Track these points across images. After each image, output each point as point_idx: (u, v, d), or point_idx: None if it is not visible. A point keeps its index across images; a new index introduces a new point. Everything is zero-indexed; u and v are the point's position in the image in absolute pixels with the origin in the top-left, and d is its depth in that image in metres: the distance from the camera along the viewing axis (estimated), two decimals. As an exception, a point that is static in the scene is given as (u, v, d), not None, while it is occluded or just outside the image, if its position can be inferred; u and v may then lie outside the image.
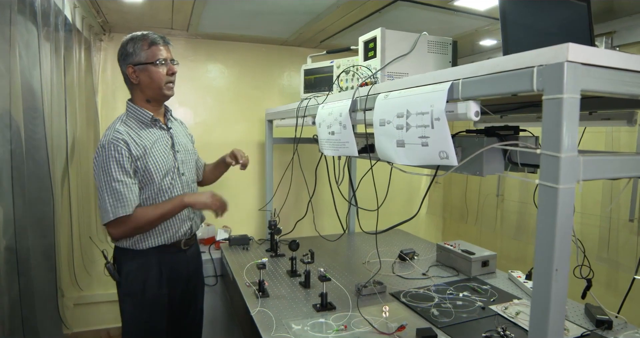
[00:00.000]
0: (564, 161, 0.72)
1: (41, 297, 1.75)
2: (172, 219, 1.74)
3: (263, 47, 3.08)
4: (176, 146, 1.82)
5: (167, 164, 1.74)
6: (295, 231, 2.50)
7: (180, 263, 1.82)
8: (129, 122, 1.71)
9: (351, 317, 1.56)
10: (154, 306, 1.74)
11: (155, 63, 1.69)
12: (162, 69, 1.71)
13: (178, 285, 1.82)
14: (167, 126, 1.83)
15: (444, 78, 1.00)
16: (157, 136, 1.75)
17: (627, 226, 2.18)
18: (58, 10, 1.81)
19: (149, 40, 1.70)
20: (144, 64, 1.69)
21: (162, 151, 1.74)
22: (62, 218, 1.97)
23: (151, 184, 1.69)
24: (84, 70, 2.32)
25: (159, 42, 1.71)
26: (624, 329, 1.49)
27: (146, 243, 1.71)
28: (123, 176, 1.60)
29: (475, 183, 3.25)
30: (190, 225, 1.83)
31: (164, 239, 1.73)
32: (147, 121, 1.74)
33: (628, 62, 0.77)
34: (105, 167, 1.59)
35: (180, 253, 1.82)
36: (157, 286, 1.74)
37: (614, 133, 2.23)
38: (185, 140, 1.91)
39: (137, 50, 1.70)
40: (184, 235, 1.81)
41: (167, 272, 1.76)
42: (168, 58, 1.72)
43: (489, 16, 2.17)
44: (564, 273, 0.74)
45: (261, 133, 3.08)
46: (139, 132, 1.70)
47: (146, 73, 1.70)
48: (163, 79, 1.72)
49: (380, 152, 1.25)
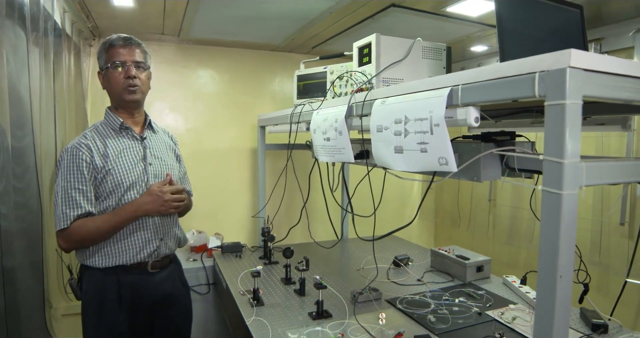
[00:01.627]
0: (567, 167, 0.72)
1: (28, 308, 1.70)
2: (132, 239, 1.60)
3: (255, 53, 3.07)
4: (149, 159, 1.68)
5: (132, 176, 1.61)
6: (288, 238, 2.48)
7: (145, 288, 1.64)
8: (101, 129, 1.64)
9: (348, 325, 1.55)
10: (111, 331, 1.59)
11: (109, 67, 1.61)
12: (119, 72, 1.61)
13: (142, 311, 1.65)
14: (142, 136, 1.71)
15: (443, 84, 1.00)
16: (125, 145, 1.65)
17: (618, 230, 2.21)
18: (47, 15, 1.77)
19: (108, 43, 1.62)
20: (105, 69, 1.63)
21: (128, 162, 1.62)
22: (50, 226, 1.92)
23: (112, 195, 1.58)
24: (73, 75, 2.29)
25: (117, 43, 1.62)
26: (620, 333, 1.50)
27: (103, 261, 1.57)
28: (80, 183, 1.53)
29: (467, 188, 3.26)
30: (156, 246, 1.65)
31: (122, 260, 1.59)
32: (116, 128, 1.65)
33: (628, 68, 0.78)
34: (65, 173, 1.53)
35: (145, 276, 1.64)
36: (115, 310, 1.59)
37: (604, 137, 2.25)
38: (165, 154, 1.77)
39: (100, 54, 1.64)
40: (148, 257, 1.64)
41: (129, 296, 1.60)
42: (128, 60, 1.61)
43: (480, 22, 2.19)
44: (568, 279, 0.74)
45: (253, 139, 3.06)
46: (106, 140, 1.61)
47: (106, 78, 1.64)
48: (120, 83, 1.61)
49: (377, 158, 1.24)
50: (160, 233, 1.67)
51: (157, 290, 1.68)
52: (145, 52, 1.71)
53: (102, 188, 1.57)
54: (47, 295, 1.85)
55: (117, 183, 1.58)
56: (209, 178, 2.91)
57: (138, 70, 1.64)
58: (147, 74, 1.70)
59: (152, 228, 1.65)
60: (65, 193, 1.52)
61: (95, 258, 1.58)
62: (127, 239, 1.60)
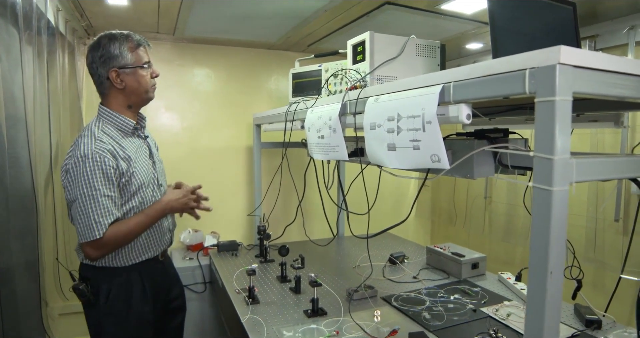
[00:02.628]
0: (557, 163, 0.72)
1: (24, 308, 1.70)
2: (155, 234, 1.66)
3: (250, 51, 3.06)
4: (154, 157, 1.73)
5: (148, 175, 1.64)
6: (284, 236, 2.48)
7: (160, 275, 1.73)
8: (108, 130, 1.56)
9: (343, 322, 1.55)
10: (139, 324, 1.62)
11: (143, 66, 1.60)
12: (147, 72, 1.63)
13: (160, 298, 1.73)
14: (145, 135, 1.73)
15: (435, 81, 1.00)
16: (137, 145, 1.64)
17: (612, 227, 2.22)
18: (40, 14, 1.77)
19: (135, 42, 1.59)
20: (132, 68, 1.58)
21: (143, 161, 1.64)
22: (46, 226, 1.92)
23: (136, 196, 1.57)
24: (67, 75, 2.28)
25: (143, 43, 1.63)
26: (613, 328, 1.50)
27: (129, 259, 1.59)
28: (109, 190, 1.47)
29: (463, 185, 3.27)
30: (169, 237, 1.79)
31: (148, 254, 1.64)
32: (128, 130, 1.61)
33: (618, 65, 0.78)
34: (90, 180, 1.44)
35: (159, 265, 1.74)
36: (142, 303, 1.63)
37: (599, 134, 2.26)
38: (157, 151, 1.83)
39: (124, 52, 1.57)
40: (163, 247, 1.75)
41: (150, 286, 1.66)
42: (150, 60, 1.65)
43: (475, 20, 2.19)
44: (558, 275, 0.74)
45: (249, 137, 3.06)
46: (120, 141, 1.56)
47: (133, 77, 1.59)
48: (149, 83, 1.63)
49: (371, 156, 1.24)
50: (170, 225, 1.80)
51: (167, 276, 1.81)
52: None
53: (127, 190, 1.55)
54: (43, 294, 1.84)
55: (140, 183, 1.58)
56: (205, 177, 2.91)
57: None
58: None
59: (166, 222, 1.74)
60: (95, 202, 1.44)
61: (118, 258, 1.57)
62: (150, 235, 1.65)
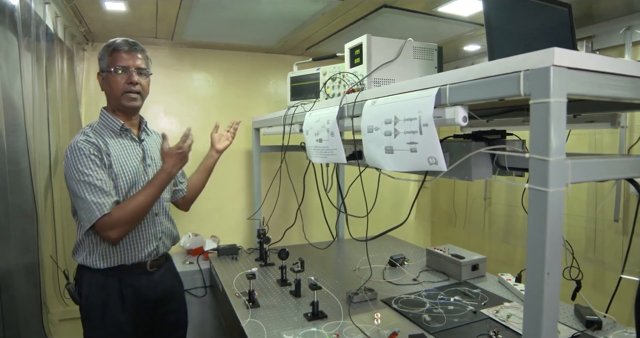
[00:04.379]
0: (553, 164, 0.73)
1: (25, 314, 1.69)
2: (133, 239, 1.62)
3: (248, 55, 3.07)
4: (148, 160, 1.72)
5: (133, 175, 1.63)
6: (284, 240, 2.48)
7: (146, 286, 1.67)
8: (99, 130, 1.64)
9: (343, 325, 1.55)
10: (115, 333, 1.60)
11: (111, 71, 1.60)
12: (121, 77, 1.61)
13: (144, 310, 1.67)
14: (140, 138, 1.74)
15: (431, 84, 1.00)
16: (125, 146, 1.67)
17: (612, 227, 2.22)
18: (39, 20, 1.77)
19: (113, 47, 1.61)
20: (106, 72, 1.62)
21: (130, 161, 1.64)
22: (46, 230, 1.92)
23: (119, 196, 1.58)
24: (66, 80, 2.28)
25: (122, 48, 1.61)
26: (613, 329, 1.50)
27: (104, 261, 1.58)
28: (101, 175, 1.52)
29: (463, 187, 3.27)
30: (156, 245, 1.69)
31: (123, 259, 1.60)
32: (117, 130, 1.66)
33: (612, 66, 0.78)
34: (80, 167, 1.49)
35: (145, 275, 1.67)
36: (119, 311, 1.60)
37: (597, 134, 2.27)
38: (158, 155, 1.78)
39: (102, 56, 1.63)
40: (148, 256, 1.67)
41: (130, 295, 1.62)
42: (131, 66, 1.61)
43: (472, 22, 2.20)
44: (555, 276, 0.74)
45: (248, 141, 3.06)
46: (107, 140, 1.62)
47: (107, 81, 1.63)
48: (120, 89, 1.62)
49: (368, 159, 1.24)
50: (159, 233, 1.72)
51: (157, 288, 1.71)
52: (147, 58, 1.71)
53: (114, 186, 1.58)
54: (43, 299, 1.84)
55: (122, 182, 1.59)
56: (205, 181, 2.91)
57: (140, 76, 1.65)
58: (147, 81, 1.71)
59: (152, 229, 1.68)
60: (90, 185, 1.49)
61: (95, 258, 1.57)
62: (127, 239, 1.61)
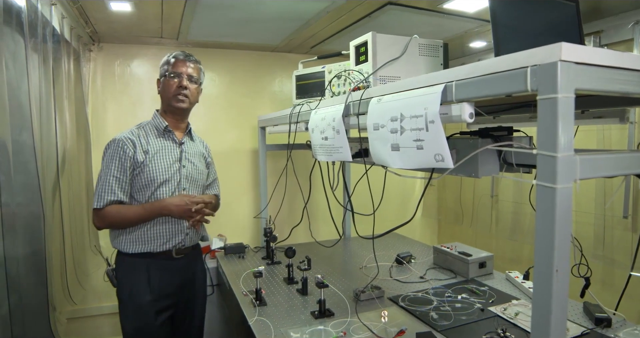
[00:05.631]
0: (561, 160, 0.72)
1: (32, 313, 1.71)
2: (162, 230, 1.78)
3: (253, 54, 3.07)
4: (184, 161, 1.87)
5: (166, 174, 1.79)
6: (291, 238, 2.48)
7: (170, 272, 1.82)
8: (147, 128, 1.86)
9: (350, 323, 1.55)
10: (142, 313, 1.75)
11: (167, 76, 1.83)
12: (173, 82, 1.82)
13: (169, 294, 1.81)
14: (181, 141, 1.90)
15: (437, 80, 1.00)
16: (164, 145, 1.84)
17: (621, 223, 2.20)
18: (46, 21, 1.79)
19: (172, 56, 1.86)
20: (163, 77, 1.85)
21: (165, 160, 1.81)
22: (53, 231, 1.93)
23: (146, 189, 1.76)
24: (73, 81, 2.30)
25: (178, 58, 1.85)
26: (623, 326, 1.49)
27: (133, 247, 1.76)
28: (119, 173, 1.72)
29: (470, 184, 3.26)
30: (182, 238, 1.83)
31: (150, 247, 1.77)
32: (161, 129, 1.85)
33: (620, 60, 0.77)
34: (108, 161, 1.73)
35: (170, 261, 1.82)
36: (144, 293, 1.75)
37: (605, 130, 2.24)
38: (197, 160, 1.95)
39: (163, 65, 1.87)
40: (173, 247, 1.81)
41: (156, 278, 1.77)
42: (184, 73, 1.83)
43: (478, 18, 2.18)
44: (564, 273, 0.74)
45: (254, 140, 3.07)
46: (149, 138, 1.82)
47: (163, 85, 1.86)
48: (172, 91, 1.82)
49: (375, 156, 1.24)
50: (186, 229, 1.85)
51: (180, 274, 1.86)
52: (200, 70, 1.92)
53: (138, 181, 1.76)
54: (51, 299, 1.86)
55: (151, 178, 1.76)
56: (211, 180, 2.92)
57: (190, 82, 1.85)
58: (197, 88, 1.90)
59: (181, 224, 1.82)
60: (105, 179, 1.72)
61: (127, 244, 1.76)
62: (157, 230, 1.78)
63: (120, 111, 2.76)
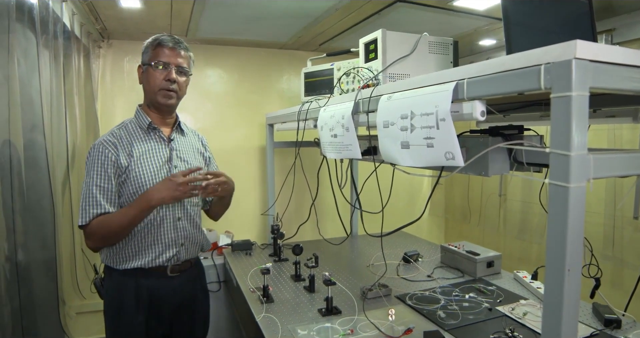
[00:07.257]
0: (574, 159, 0.71)
1: (42, 307, 1.73)
2: (152, 243, 1.58)
3: (262, 52, 3.08)
4: (175, 161, 1.66)
5: (155, 178, 1.58)
6: (298, 235, 2.48)
7: (164, 291, 1.62)
8: (130, 127, 1.63)
9: (357, 321, 1.55)
10: (129, 332, 1.58)
11: (152, 65, 1.57)
12: (160, 73, 1.57)
13: (161, 315, 1.63)
14: (169, 138, 1.68)
15: (449, 78, 0.99)
16: (150, 147, 1.62)
17: (631, 224, 2.18)
18: (56, 18, 1.80)
19: (157, 41, 1.59)
20: (146, 65, 1.60)
21: (152, 163, 1.60)
22: (63, 226, 1.95)
23: (134, 196, 1.55)
24: (83, 77, 2.32)
25: (166, 44, 1.58)
26: (633, 328, 1.47)
27: (123, 263, 1.57)
28: (103, 181, 1.50)
29: (477, 183, 3.24)
30: (176, 251, 1.63)
31: (141, 262, 1.57)
32: (144, 127, 1.63)
33: (636, 59, 0.76)
34: (90, 169, 1.51)
35: (164, 280, 1.62)
36: (133, 312, 1.57)
37: (616, 129, 2.22)
38: (191, 156, 1.74)
39: (146, 49, 1.61)
40: (167, 262, 1.61)
41: (146, 299, 1.59)
42: (172, 63, 1.58)
43: (488, 16, 2.17)
44: (576, 273, 0.73)
45: (262, 137, 3.07)
46: (133, 140, 1.59)
47: (146, 75, 1.61)
48: (158, 84, 1.58)
49: (384, 154, 1.24)
50: (181, 238, 1.65)
51: (176, 295, 1.66)
52: (190, 58, 1.67)
53: (125, 189, 1.55)
54: (60, 293, 1.88)
55: (138, 184, 1.55)
56: (219, 177, 2.93)
57: (179, 75, 1.61)
58: (186, 80, 1.66)
59: (173, 233, 1.63)
60: (88, 190, 1.50)
61: (115, 259, 1.57)
62: (146, 242, 1.58)
63: (128, 107, 2.77)
